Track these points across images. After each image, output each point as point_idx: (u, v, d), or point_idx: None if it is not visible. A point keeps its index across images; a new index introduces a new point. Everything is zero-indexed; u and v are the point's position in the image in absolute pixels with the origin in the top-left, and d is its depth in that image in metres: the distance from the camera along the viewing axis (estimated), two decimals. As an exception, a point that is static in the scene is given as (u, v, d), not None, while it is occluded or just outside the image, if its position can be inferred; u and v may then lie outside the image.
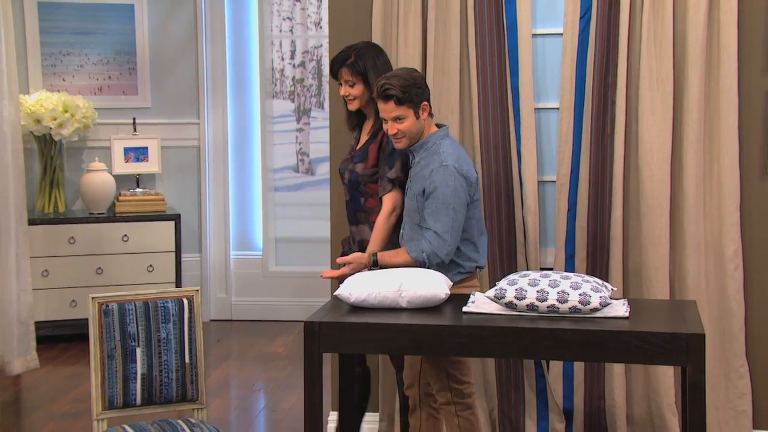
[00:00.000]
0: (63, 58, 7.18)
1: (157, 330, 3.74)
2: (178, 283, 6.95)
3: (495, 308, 3.65)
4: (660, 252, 4.46)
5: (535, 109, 4.58)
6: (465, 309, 3.66)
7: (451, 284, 3.83)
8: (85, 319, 3.76)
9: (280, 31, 7.45)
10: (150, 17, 7.29)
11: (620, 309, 3.60)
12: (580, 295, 3.54)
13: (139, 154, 7.17)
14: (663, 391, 4.52)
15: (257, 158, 7.53)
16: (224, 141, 7.47)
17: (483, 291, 4.08)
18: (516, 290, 3.59)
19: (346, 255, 4.07)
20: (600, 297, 3.55)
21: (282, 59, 7.46)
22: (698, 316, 3.63)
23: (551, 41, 4.62)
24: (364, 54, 4.18)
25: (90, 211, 6.94)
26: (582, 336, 3.43)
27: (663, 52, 4.42)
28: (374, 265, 3.93)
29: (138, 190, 7.08)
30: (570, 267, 4.56)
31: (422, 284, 3.69)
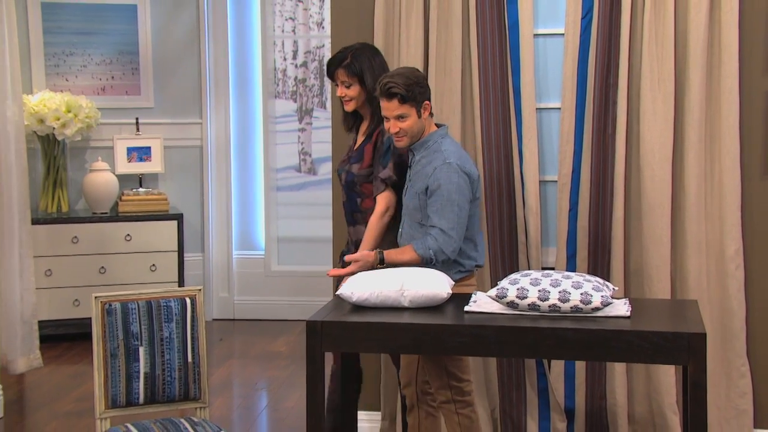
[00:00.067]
0: (66, 58, 7.18)
1: (160, 329, 3.75)
2: (181, 283, 6.95)
3: (497, 307, 3.65)
4: (661, 251, 4.47)
5: (537, 109, 4.58)
6: (467, 308, 3.66)
7: (453, 283, 3.83)
8: (89, 319, 3.76)
9: (283, 32, 7.46)
10: (153, 17, 7.30)
11: (622, 308, 3.60)
12: (582, 295, 3.55)
13: (142, 154, 7.18)
14: (664, 390, 4.52)
15: (259, 158, 7.53)
16: (227, 141, 7.47)
17: (481, 290, 4.08)
18: (518, 290, 3.60)
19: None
20: (601, 296, 3.56)
21: (284, 59, 7.47)
22: (699, 316, 3.63)
23: (553, 41, 4.62)
24: (360, 55, 4.19)
25: (93, 211, 6.95)
26: (583, 335, 3.44)
27: (664, 53, 4.42)
28: (381, 263, 3.93)
29: (141, 190, 7.08)
30: (571, 266, 4.56)
31: (424, 283, 3.70)
